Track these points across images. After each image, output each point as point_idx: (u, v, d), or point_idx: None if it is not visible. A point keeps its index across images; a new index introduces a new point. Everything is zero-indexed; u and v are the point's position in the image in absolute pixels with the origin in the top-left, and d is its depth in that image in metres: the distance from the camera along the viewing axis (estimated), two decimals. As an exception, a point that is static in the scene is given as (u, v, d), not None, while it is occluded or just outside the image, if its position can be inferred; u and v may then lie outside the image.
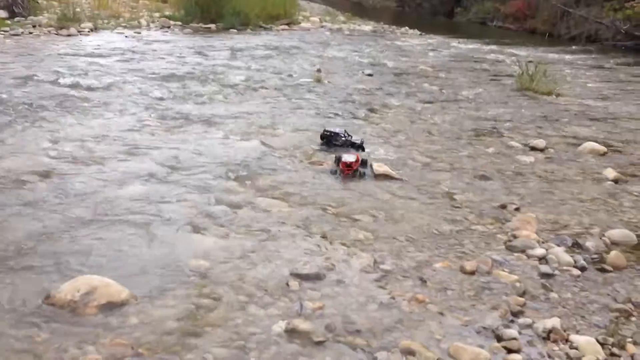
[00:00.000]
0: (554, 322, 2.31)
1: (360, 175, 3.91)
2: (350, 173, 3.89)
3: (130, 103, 5.58)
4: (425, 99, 6.71)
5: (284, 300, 2.39)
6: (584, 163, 4.60)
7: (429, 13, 24.41)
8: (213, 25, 12.34)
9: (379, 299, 2.44)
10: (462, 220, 3.33)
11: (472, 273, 2.71)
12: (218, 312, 2.29)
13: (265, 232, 3.00)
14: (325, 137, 4.59)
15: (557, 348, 2.20)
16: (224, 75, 7.25)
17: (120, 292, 2.32)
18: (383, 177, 3.91)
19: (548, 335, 2.25)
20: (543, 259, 2.90)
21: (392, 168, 4.03)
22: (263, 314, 2.29)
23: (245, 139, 4.62)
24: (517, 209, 3.52)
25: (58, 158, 3.92)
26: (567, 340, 2.24)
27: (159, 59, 8.24)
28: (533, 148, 4.88)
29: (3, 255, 2.61)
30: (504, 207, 3.55)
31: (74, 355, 1.99)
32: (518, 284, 2.63)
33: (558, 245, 3.05)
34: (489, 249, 2.99)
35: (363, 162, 4.00)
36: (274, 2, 14.04)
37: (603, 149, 4.90)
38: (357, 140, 4.56)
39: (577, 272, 2.80)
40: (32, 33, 9.99)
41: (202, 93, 6.19)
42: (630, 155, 4.91)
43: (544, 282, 2.69)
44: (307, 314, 2.29)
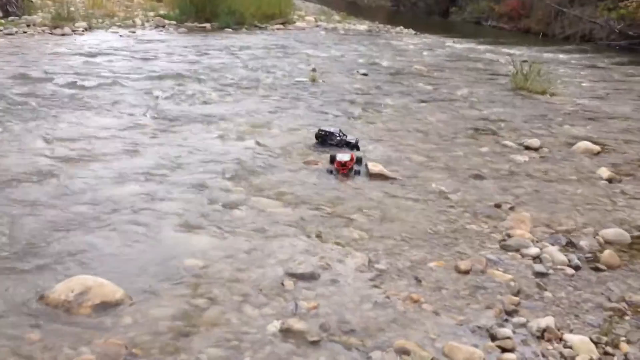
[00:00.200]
0: (548, 321, 2.32)
1: (356, 173, 3.92)
2: (345, 172, 3.89)
3: (125, 102, 5.57)
4: (420, 99, 6.72)
5: (279, 300, 2.38)
6: (578, 162, 4.61)
7: (424, 12, 24.45)
8: (208, 25, 12.33)
9: (374, 299, 2.45)
10: (456, 220, 3.33)
11: (466, 272, 2.71)
12: (213, 311, 2.28)
13: (260, 231, 3.00)
14: (320, 136, 4.59)
15: (551, 347, 2.20)
16: (219, 75, 7.24)
17: (115, 292, 2.31)
18: (378, 176, 3.91)
19: (542, 334, 2.26)
20: (537, 258, 2.90)
21: (386, 167, 4.03)
22: (258, 314, 2.28)
23: (240, 139, 4.62)
24: (511, 208, 3.53)
25: (52, 157, 3.91)
26: (561, 339, 2.24)
27: (154, 59, 8.24)
28: (527, 147, 4.89)
29: (-3, 255, 2.60)
30: (499, 206, 3.56)
31: (68, 355, 1.99)
32: (512, 283, 2.64)
33: (552, 245, 3.06)
34: (484, 248, 3.00)
35: (358, 160, 4.01)
36: (269, 1, 14.05)
37: (597, 148, 4.92)
38: (352, 140, 4.56)
39: (571, 271, 2.81)
40: (26, 32, 9.98)
41: (197, 92, 6.18)
42: (624, 155, 4.92)
43: (538, 281, 2.70)
44: (301, 314, 2.29)
